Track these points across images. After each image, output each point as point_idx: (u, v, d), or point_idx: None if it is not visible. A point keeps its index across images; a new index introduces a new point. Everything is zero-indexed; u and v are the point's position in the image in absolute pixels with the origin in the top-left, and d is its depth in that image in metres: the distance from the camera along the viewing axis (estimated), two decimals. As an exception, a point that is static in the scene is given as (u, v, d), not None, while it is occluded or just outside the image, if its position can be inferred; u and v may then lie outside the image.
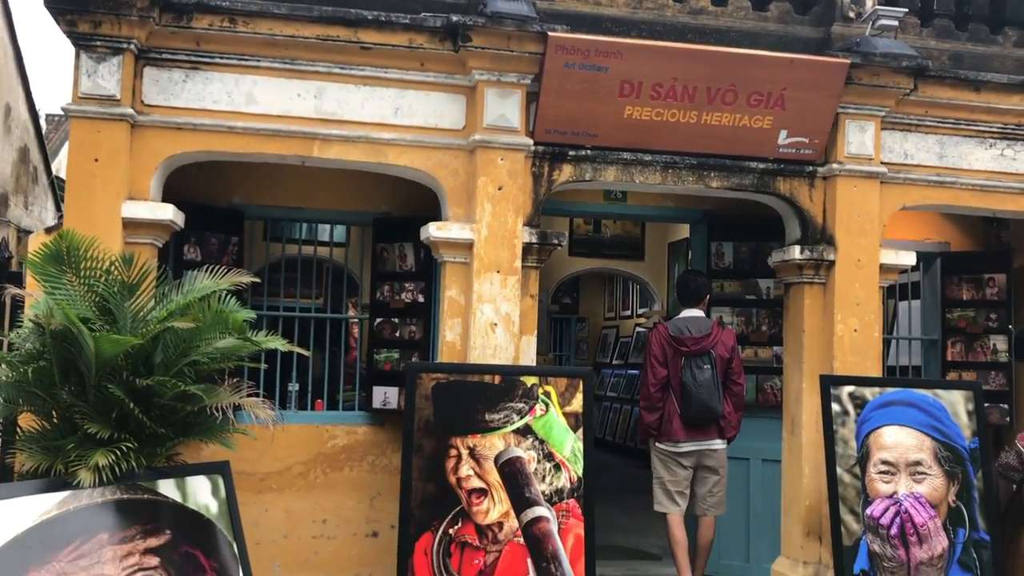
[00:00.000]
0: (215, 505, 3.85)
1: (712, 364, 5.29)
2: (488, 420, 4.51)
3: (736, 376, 5.40)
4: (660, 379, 5.40)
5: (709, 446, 5.35)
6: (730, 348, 5.40)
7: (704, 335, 5.37)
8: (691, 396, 5.26)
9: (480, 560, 4.36)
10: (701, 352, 5.34)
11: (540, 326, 12.60)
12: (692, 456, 5.37)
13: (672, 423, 5.33)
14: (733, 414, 5.39)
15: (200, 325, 3.53)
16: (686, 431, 5.31)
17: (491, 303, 4.97)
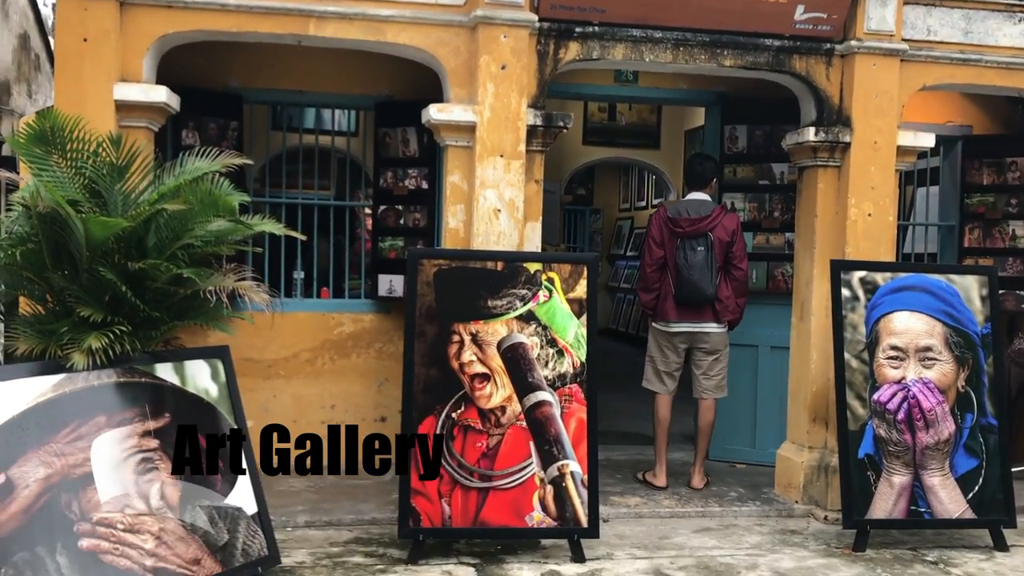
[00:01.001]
0: (215, 389, 3.85)
1: (708, 247, 5.25)
2: (491, 306, 4.45)
3: (737, 261, 5.34)
4: (656, 260, 5.42)
5: (702, 328, 5.37)
6: (731, 232, 5.32)
7: (701, 217, 5.31)
8: (683, 277, 5.27)
9: (483, 443, 4.37)
10: (696, 234, 5.29)
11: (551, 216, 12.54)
12: (684, 337, 5.42)
13: (665, 303, 5.40)
14: (731, 299, 5.36)
15: (191, 208, 3.45)
16: (678, 312, 5.36)
17: (494, 188, 4.85)
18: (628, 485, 5.61)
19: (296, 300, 5.98)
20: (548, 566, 4.29)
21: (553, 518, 4.35)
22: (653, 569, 4.32)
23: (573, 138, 12.73)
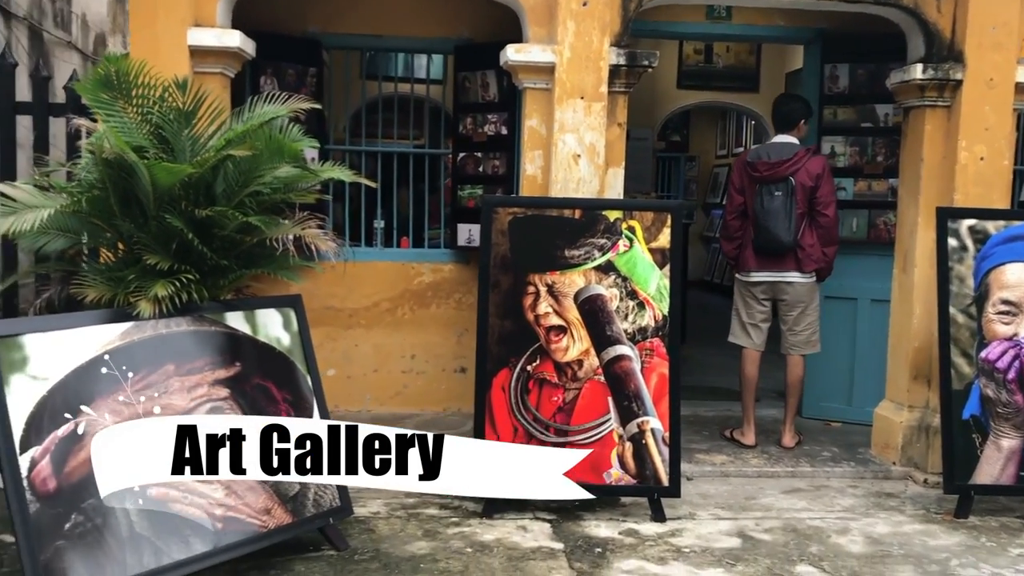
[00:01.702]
0: (287, 338, 3.80)
1: (787, 192, 4.95)
2: (567, 256, 4.28)
3: (822, 207, 5.02)
4: (736, 207, 5.18)
5: (783, 278, 5.10)
6: (815, 176, 5.00)
7: (781, 160, 5.00)
8: (760, 224, 5.00)
9: (559, 397, 4.24)
10: (775, 178, 4.99)
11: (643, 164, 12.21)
12: (765, 287, 5.17)
13: (746, 252, 5.16)
14: (816, 247, 5.05)
15: (258, 154, 3.37)
16: (758, 261, 5.11)
17: (574, 133, 4.65)
18: (714, 443, 5.41)
19: (376, 250, 5.92)
20: (627, 524, 4.16)
21: (632, 476, 4.20)
22: (737, 530, 4.14)
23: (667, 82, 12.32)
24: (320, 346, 5.69)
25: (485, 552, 3.78)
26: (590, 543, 3.92)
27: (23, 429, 2.90)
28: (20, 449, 2.87)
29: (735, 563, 3.76)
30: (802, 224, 5.03)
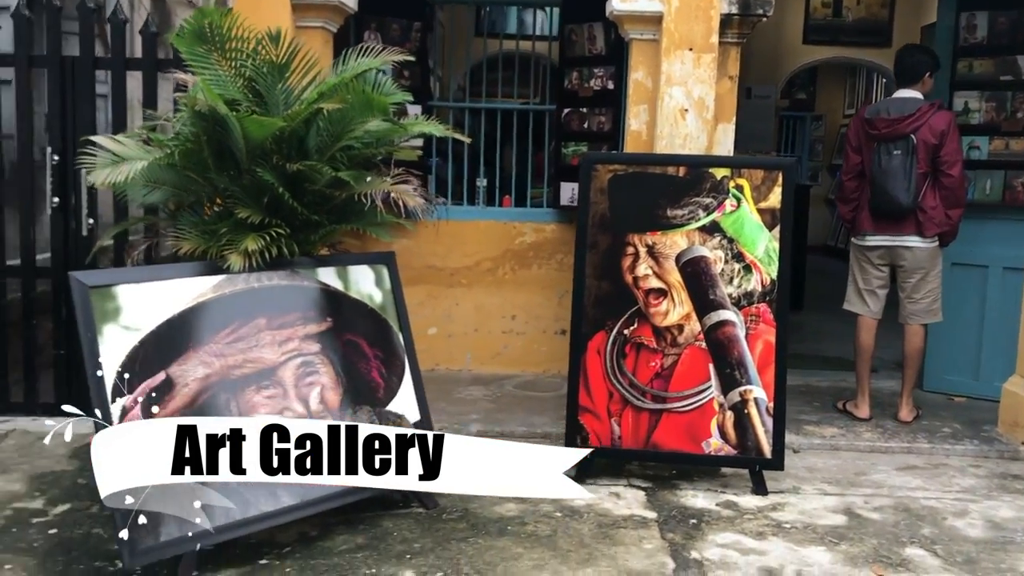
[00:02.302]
0: (379, 295, 3.78)
1: (907, 150, 4.60)
2: (670, 216, 4.10)
3: (946, 166, 4.64)
4: (852, 167, 4.86)
5: (901, 242, 4.76)
6: (939, 133, 4.61)
7: (902, 117, 4.64)
8: (877, 185, 4.67)
9: (657, 362, 4.08)
10: (894, 136, 4.64)
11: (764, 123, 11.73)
12: (882, 252, 4.84)
13: (862, 214, 4.83)
14: (938, 209, 4.69)
15: (348, 107, 3.32)
16: (874, 223, 4.79)
17: (681, 86, 4.44)
18: (826, 414, 5.15)
19: (478, 208, 5.85)
20: (725, 496, 3.99)
21: (733, 446, 4.02)
22: (844, 507, 3.91)
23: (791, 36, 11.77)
24: (421, 304, 5.72)
25: (575, 517, 3.69)
26: (685, 514, 3.78)
27: (115, 378, 2.95)
28: (112, 397, 2.93)
29: (838, 542, 3.56)
30: (924, 185, 4.68)
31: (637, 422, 4.07)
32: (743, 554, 3.41)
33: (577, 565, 3.27)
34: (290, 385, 3.37)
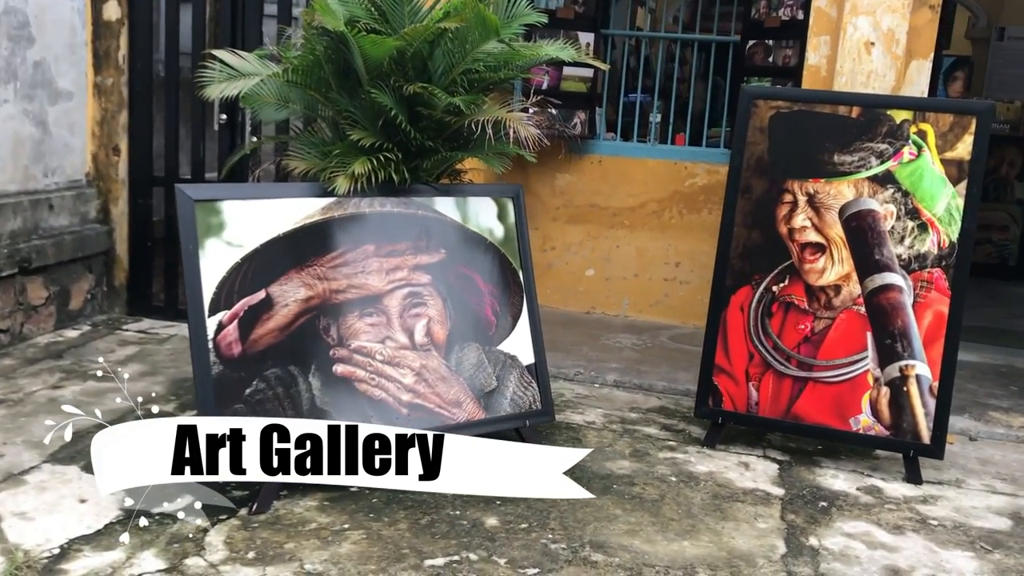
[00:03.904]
0: (501, 230, 3.60)
1: None
2: (837, 162, 3.63)
3: None
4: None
5: None
6: None
7: None
8: None
9: (806, 325, 3.67)
10: None
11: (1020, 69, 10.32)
12: None
13: None
14: None
15: (465, 27, 3.12)
16: None
17: (868, 15, 3.90)
18: (1021, 401, 4.51)
19: (647, 146, 5.51)
20: (871, 480, 3.56)
21: (885, 426, 3.56)
22: (1012, 510, 3.38)
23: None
24: (581, 244, 5.52)
25: (690, 484, 3.41)
26: (817, 494, 3.40)
27: (213, 292, 2.97)
28: (209, 312, 2.95)
29: (992, 549, 3.06)
30: None
31: (778, 389, 3.69)
32: (870, 548, 3.01)
33: (675, 536, 3.00)
34: (395, 314, 3.28)
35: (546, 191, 5.57)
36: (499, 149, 3.28)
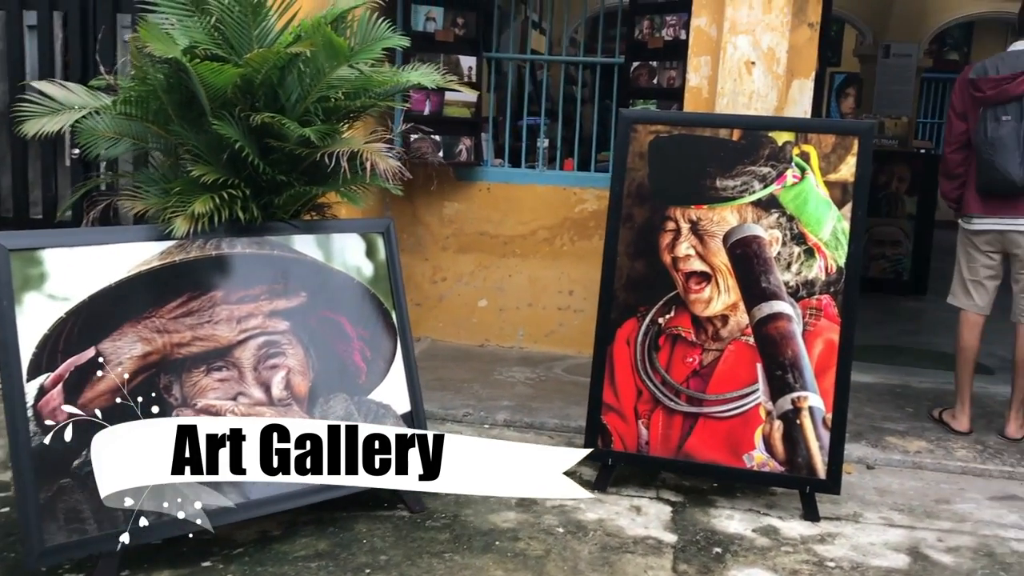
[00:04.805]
0: (370, 268, 3.34)
1: (1020, 115, 3.78)
2: (720, 187, 3.49)
3: None
4: (956, 136, 4.07)
5: (1015, 226, 3.95)
6: None
7: (1014, 75, 3.81)
8: (983, 158, 3.86)
9: (695, 358, 3.50)
10: (1002, 98, 3.82)
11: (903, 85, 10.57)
12: (991, 238, 4.05)
13: (968, 193, 4.04)
14: None
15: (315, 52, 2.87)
16: (982, 204, 3.99)
17: (748, 35, 3.78)
18: (917, 423, 4.43)
19: (536, 172, 5.32)
20: (767, 519, 3.40)
21: (780, 462, 3.41)
22: (910, 544, 3.25)
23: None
24: (472, 274, 5.29)
25: (578, 536, 3.19)
26: (711, 539, 3.21)
27: (33, 353, 2.63)
28: (28, 375, 2.62)
29: (889, 593, 2.92)
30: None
31: (669, 426, 3.51)
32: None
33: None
34: (248, 367, 2.99)
35: (435, 220, 5.33)
36: (355, 182, 3.03)
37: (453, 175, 5.27)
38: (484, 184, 5.27)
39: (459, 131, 5.08)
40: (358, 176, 2.97)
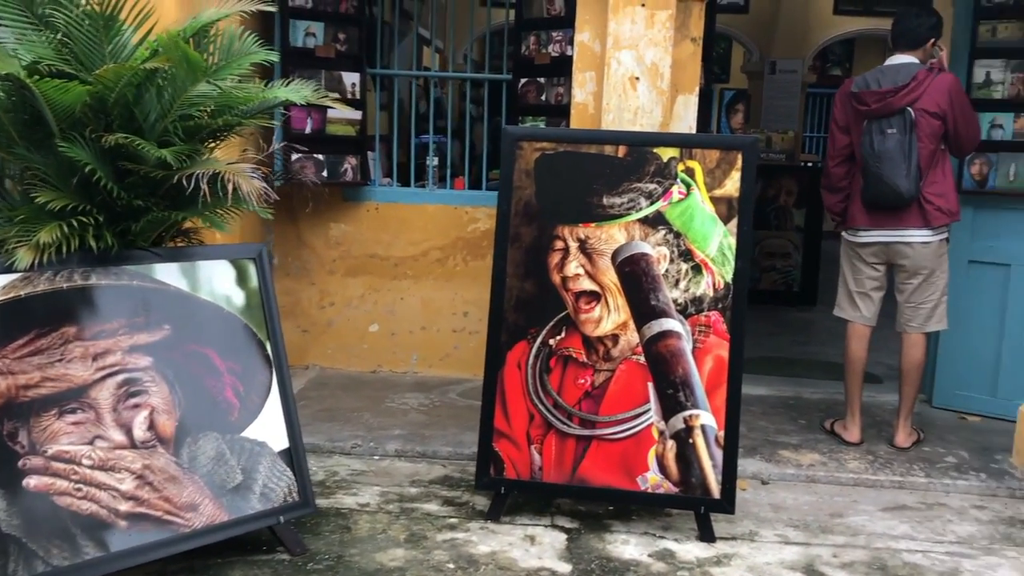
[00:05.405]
0: (241, 297, 3.15)
1: (905, 127, 3.84)
2: (607, 204, 3.42)
3: (961, 139, 3.93)
4: (839, 150, 4.12)
5: (901, 237, 4.02)
6: (942, 101, 3.87)
7: (896, 88, 3.89)
8: (868, 171, 3.92)
9: (587, 379, 3.41)
10: (887, 111, 3.89)
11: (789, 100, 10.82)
12: (877, 249, 4.11)
13: (853, 206, 4.10)
14: (948, 197, 3.96)
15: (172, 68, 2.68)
16: (868, 216, 4.04)
17: (632, 49, 3.73)
18: (810, 436, 4.44)
19: (426, 191, 5.18)
20: (663, 543, 3.32)
21: (674, 483, 3.34)
22: (805, 562, 3.22)
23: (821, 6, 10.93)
24: (362, 298, 5.11)
25: (469, 571, 3.05)
26: (606, 567, 3.12)
27: None
28: None
29: (786, 615, 2.87)
30: (930, 167, 3.94)
31: (562, 450, 3.41)
32: (661, 629, 2.75)
33: (447, 640, 2.63)
34: (106, 408, 2.76)
35: (321, 243, 5.14)
36: (217, 205, 2.84)
37: (340, 195, 5.09)
38: (372, 204, 5.11)
39: (344, 150, 4.91)
40: (219, 199, 2.78)
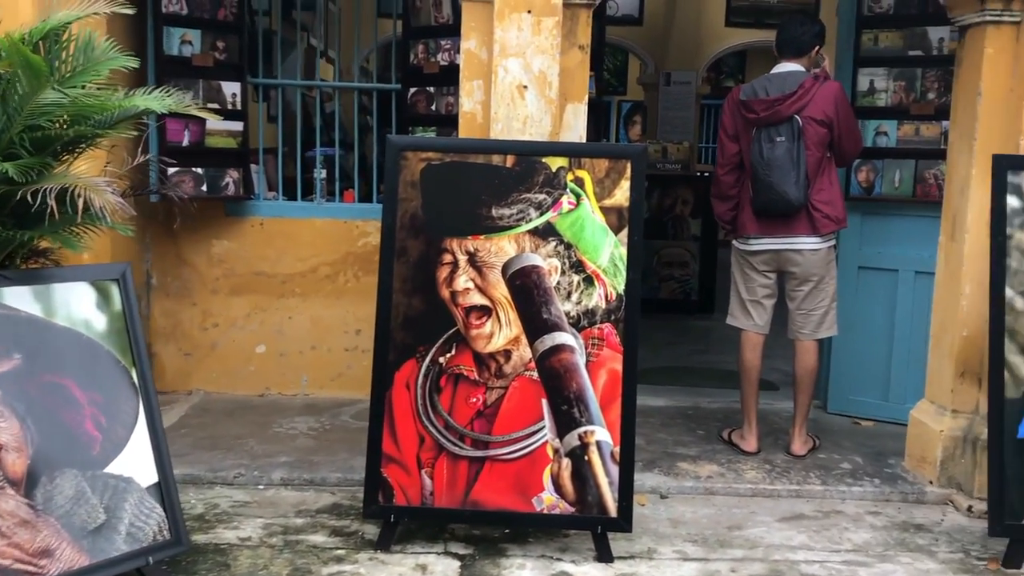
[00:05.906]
0: (103, 321, 2.92)
1: (792, 135, 3.88)
2: (496, 216, 3.31)
3: (845, 143, 4.00)
4: (729, 158, 4.13)
5: (791, 245, 4.05)
6: (829, 108, 3.93)
7: (783, 96, 3.93)
8: (758, 179, 3.94)
9: (479, 398, 3.29)
10: (775, 119, 3.92)
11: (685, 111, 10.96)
12: (768, 257, 4.13)
13: (743, 214, 4.11)
14: (834, 204, 4.01)
15: (12, 74, 2.46)
16: (758, 224, 4.06)
17: (519, 57, 3.64)
18: (708, 447, 4.40)
19: (314, 205, 4.99)
20: (560, 565, 3.21)
21: (570, 502, 3.24)
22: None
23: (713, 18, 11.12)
24: (247, 318, 4.90)
25: (356, 605, 2.88)
26: (501, 595, 2.99)
27: None
28: None
29: (684, 635, 2.79)
30: (817, 175, 3.97)
31: (454, 474, 3.27)
32: (557, 658, 2.63)
33: None
34: (-55, 448, 2.50)
35: (202, 261, 4.89)
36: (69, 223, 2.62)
37: (223, 210, 4.86)
38: (257, 219, 4.89)
39: (225, 163, 4.68)
40: (69, 216, 2.56)
